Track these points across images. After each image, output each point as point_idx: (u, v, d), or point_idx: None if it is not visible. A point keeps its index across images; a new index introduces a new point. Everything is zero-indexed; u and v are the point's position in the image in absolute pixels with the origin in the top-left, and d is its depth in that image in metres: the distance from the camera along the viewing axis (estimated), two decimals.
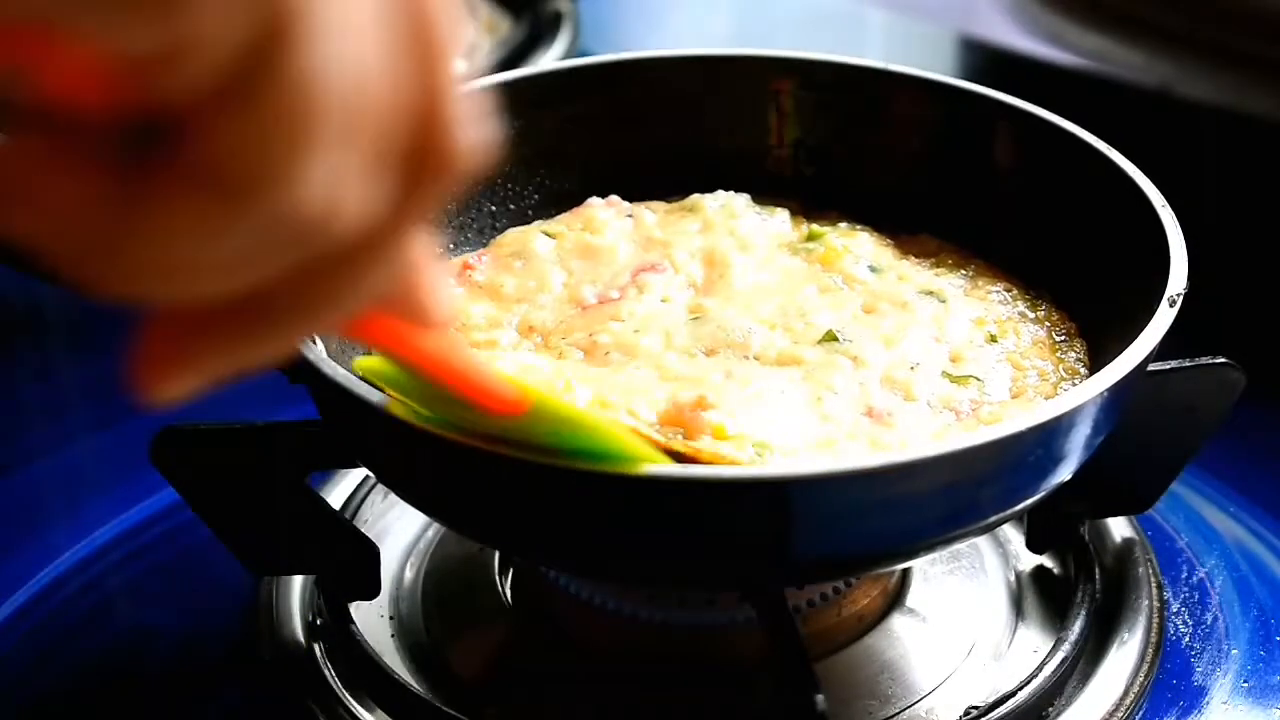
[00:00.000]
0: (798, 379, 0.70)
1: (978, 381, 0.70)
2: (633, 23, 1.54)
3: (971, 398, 0.70)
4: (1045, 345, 0.74)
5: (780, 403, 0.68)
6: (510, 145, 0.84)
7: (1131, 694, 0.72)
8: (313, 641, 0.74)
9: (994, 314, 0.76)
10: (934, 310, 0.75)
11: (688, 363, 0.72)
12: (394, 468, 0.66)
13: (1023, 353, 0.73)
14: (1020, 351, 0.73)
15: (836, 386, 0.70)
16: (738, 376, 0.70)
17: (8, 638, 0.79)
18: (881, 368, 0.71)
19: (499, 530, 0.65)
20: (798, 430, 0.67)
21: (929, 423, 0.68)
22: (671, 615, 0.71)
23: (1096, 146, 0.76)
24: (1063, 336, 0.75)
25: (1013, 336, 0.74)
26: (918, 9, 1.40)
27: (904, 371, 0.71)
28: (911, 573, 0.77)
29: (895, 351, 0.72)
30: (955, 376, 0.71)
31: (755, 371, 0.71)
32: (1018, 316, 0.76)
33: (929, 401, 0.69)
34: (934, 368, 0.71)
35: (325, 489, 0.83)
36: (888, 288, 0.77)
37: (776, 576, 0.64)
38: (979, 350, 0.73)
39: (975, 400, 0.69)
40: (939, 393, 0.70)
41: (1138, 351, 0.62)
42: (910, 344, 0.72)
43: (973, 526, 0.63)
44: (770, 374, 0.71)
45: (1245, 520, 0.84)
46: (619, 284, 0.77)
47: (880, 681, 0.71)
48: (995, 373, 0.71)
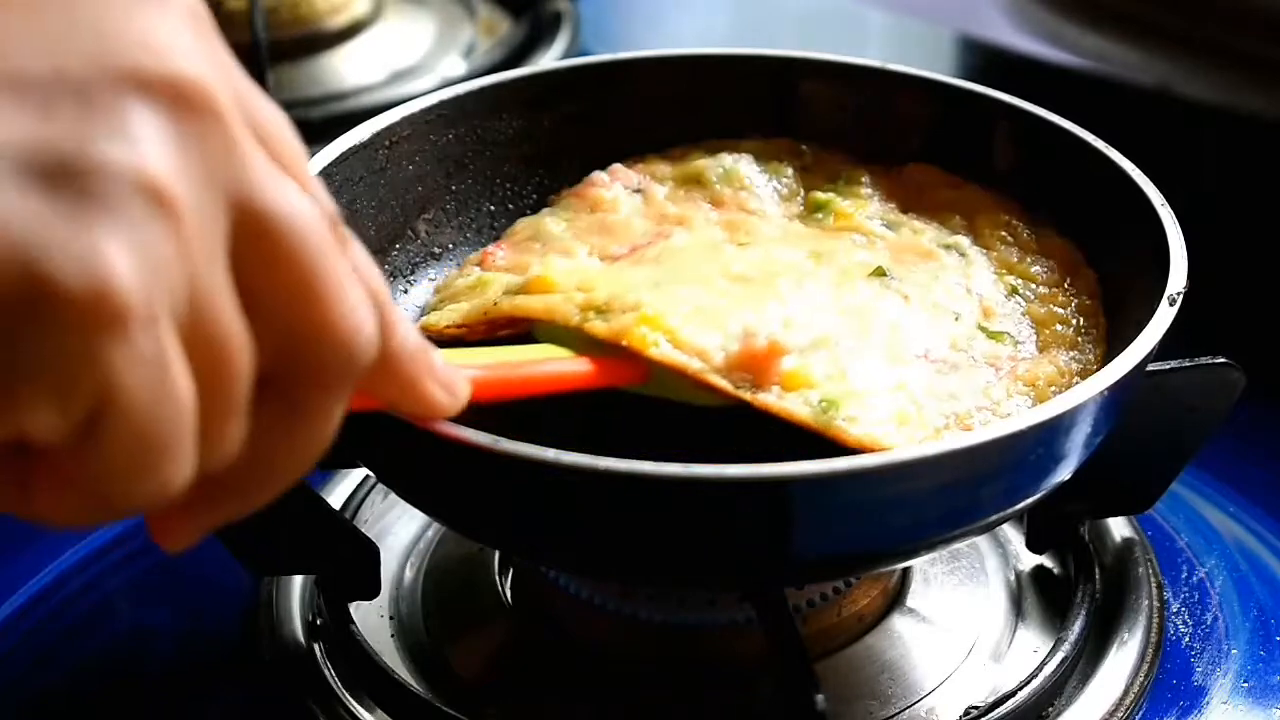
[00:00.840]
0: (853, 309, 0.70)
1: (1010, 338, 0.72)
2: (633, 23, 1.54)
3: (1008, 354, 0.70)
4: (1057, 288, 0.75)
5: (844, 335, 0.68)
6: (510, 145, 0.84)
7: (1131, 694, 0.72)
8: (313, 641, 0.74)
9: (1007, 262, 0.76)
10: (957, 262, 0.76)
11: (743, 287, 0.71)
12: (394, 467, 0.66)
13: (1040, 299, 0.74)
14: (1038, 298, 0.74)
15: (894, 322, 0.70)
16: (793, 303, 0.70)
17: (8, 638, 0.79)
18: (928, 311, 0.71)
19: (499, 530, 0.65)
20: (865, 373, 0.66)
21: (974, 376, 0.69)
22: (671, 615, 0.71)
23: (1096, 146, 0.76)
24: (1068, 275, 0.76)
25: (1029, 287, 0.75)
26: (918, 9, 1.40)
27: (949, 321, 0.71)
28: (911, 573, 0.77)
29: (937, 293, 0.73)
30: (991, 332, 0.72)
31: (813, 299, 0.70)
32: (1028, 261, 0.77)
33: (972, 355, 0.70)
34: (971, 319, 0.72)
35: (325, 489, 0.83)
36: (907, 240, 0.77)
37: (776, 576, 0.64)
38: (1005, 305, 0.74)
39: (1012, 356, 0.70)
40: (980, 347, 0.70)
41: (1138, 351, 0.62)
42: (946, 292, 0.73)
43: (973, 526, 0.63)
44: (826, 302, 0.71)
45: (1245, 520, 0.84)
46: (646, 240, 0.77)
47: (880, 681, 0.71)
48: (1022, 327, 0.73)
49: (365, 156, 0.78)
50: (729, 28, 1.51)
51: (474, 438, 0.56)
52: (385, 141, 0.79)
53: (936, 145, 0.83)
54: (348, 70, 1.29)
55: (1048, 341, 0.72)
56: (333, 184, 0.76)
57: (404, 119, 0.80)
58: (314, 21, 1.31)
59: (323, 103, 1.24)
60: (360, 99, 1.24)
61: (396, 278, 0.80)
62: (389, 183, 0.79)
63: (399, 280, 0.80)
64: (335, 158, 0.76)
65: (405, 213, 0.81)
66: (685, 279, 0.71)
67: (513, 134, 0.84)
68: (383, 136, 0.79)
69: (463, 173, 0.83)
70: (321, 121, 1.18)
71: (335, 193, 0.76)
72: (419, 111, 0.81)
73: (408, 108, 0.80)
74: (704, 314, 0.68)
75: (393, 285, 0.80)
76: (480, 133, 0.83)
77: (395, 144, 0.79)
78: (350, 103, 1.23)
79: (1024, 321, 0.73)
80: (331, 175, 0.75)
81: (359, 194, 0.78)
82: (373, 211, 0.79)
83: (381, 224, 0.79)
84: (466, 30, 1.39)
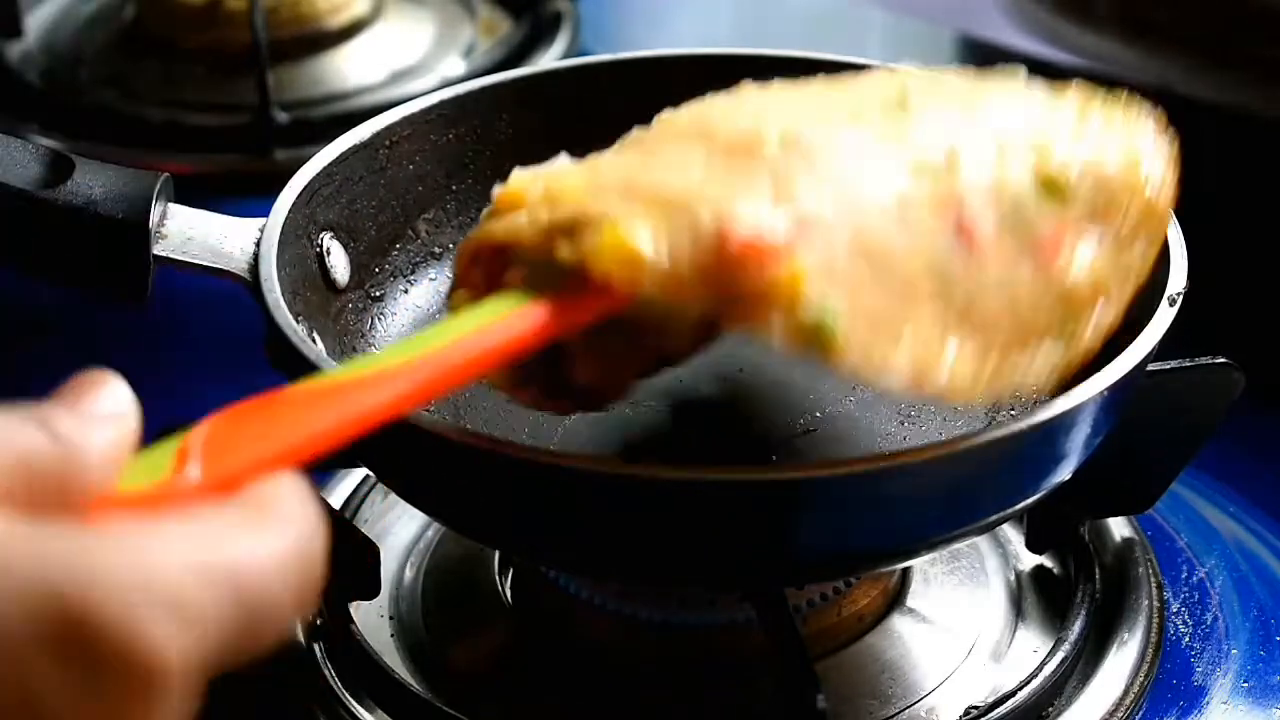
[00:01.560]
0: (871, 142, 0.55)
1: (1071, 198, 0.57)
2: (633, 23, 1.54)
3: (1055, 226, 0.57)
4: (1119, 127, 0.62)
5: (845, 166, 0.53)
6: (511, 145, 0.84)
7: (1131, 694, 0.72)
8: (313, 641, 0.74)
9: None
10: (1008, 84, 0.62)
11: (732, 160, 0.54)
12: (393, 466, 0.66)
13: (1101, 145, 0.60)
14: (1099, 142, 0.60)
15: (917, 160, 0.55)
16: (793, 169, 0.53)
17: None
18: (967, 146, 0.55)
19: (498, 531, 0.65)
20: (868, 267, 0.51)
21: (1007, 267, 0.55)
22: (671, 615, 0.71)
23: None
24: None
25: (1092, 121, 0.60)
26: (918, 9, 1.40)
27: (991, 153, 0.55)
28: (911, 573, 0.77)
29: (977, 119, 0.57)
30: (1049, 179, 0.57)
31: (818, 157, 0.54)
32: None
33: (1012, 224, 0.55)
34: (1023, 158, 0.57)
35: (325, 489, 0.83)
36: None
37: (776, 575, 0.64)
38: (1069, 142, 0.59)
39: (1057, 232, 0.57)
40: (1023, 210, 0.56)
41: (1138, 351, 0.62)
42: (994, 112, 0.58)
43: (973, 526, 0.63)
44: (833, 157, 0.54)
45: (1245, 520, 0.84)
46: None
47: (880, 681, 0.71)
48: (1084, 182, 0.58)
49: (365, 156, 0.78)
50: (729, 28, 1.51)
51: (473, 439, 0.56)
52: (385, 141, 0.79)
53: None
54: (348, 70, 1.29)
55: (1107, 204, 0.57)
56: (333, 183, 0.76)
57: (404, 119, 0.80)
58: (314, 21, 1.30)
59: (323, 103, 1.24)
60: (360, 99, 1.24)
61: (396, 277, 0.80)
62: (389, 182, 0.79)
63: (399, 280, 0.80)
64: (335, 157, 0.76)
65: (406, 212, 0.81)
66: (665, 164, 0.56)
67: (514, 134, 0.84)
68: (383, 136, 0.79)
69: (463, 173, 0.83)
70: (321, 121, 1.18)
71: (335, 192, 0.76)
72: (419, 111, 0.81)
73: (408, 108, 0.80)
74: (671, 210, 0.51)
75: (393, 285, 0.80)
76: (481, 133, 0.83)
77: (396, 144, 0.79)
78: (350, 103, 1.23)
79: (1086, 172, 0.57)
80: (332, 175, 0.75)
81: (359, 194, 0.78)
82: (373, 211, 0.79)
83: (382, 224, 0.79)
84: (466, 30, 1.38)
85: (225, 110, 1.20)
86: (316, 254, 0.74)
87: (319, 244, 0.74)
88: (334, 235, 0.76)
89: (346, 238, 0.77)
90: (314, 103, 1.24)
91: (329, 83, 1.28)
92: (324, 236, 0.75)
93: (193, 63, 1.24)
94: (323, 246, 0.75)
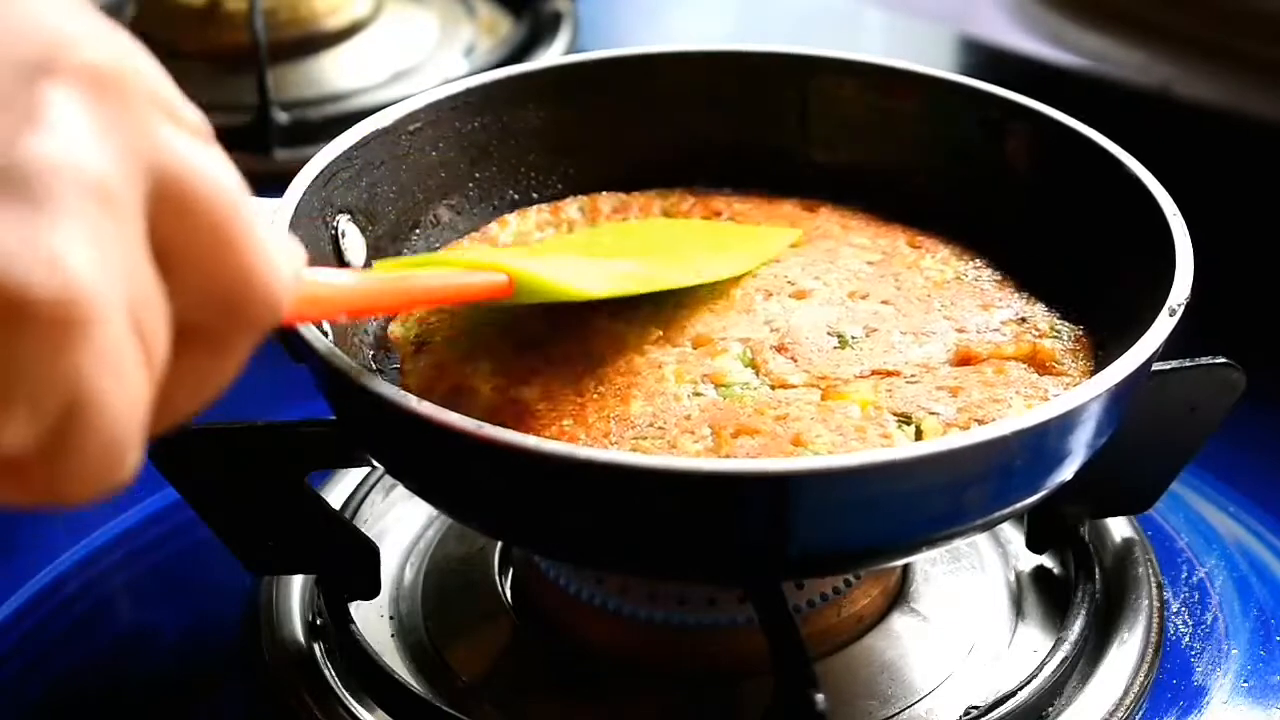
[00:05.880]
0: None
1: None
2: (632, 22, 1.54)
3: None
4: None
5: None
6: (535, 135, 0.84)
7: (1131, 694, 0.71)
8: (313, 641, 0.74)
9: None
10: None
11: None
12: (398, 455, 0.66)
13: None
14: None
15: None
16: None
17: (8, 638, 0.79)
18: None
19: (500, 519, 0.64)
20: None
21: None
22: (671, 615, 0.71)
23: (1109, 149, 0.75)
24: None
25: None
26: (918, 9, 1.40)
27: None
28: (912, 572, 0.77)
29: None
30: None
31: None
32: None
33: None
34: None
35: (325, 489, 0.83)
36: None
37: (776, 571, 0.64)
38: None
39: None
40: None
41: (1138, 355, 0.61)
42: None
43: (974, 524, 0.63)
44: None
45: (1245, 520, 0.84)
46: None
47: (880, 681, 0.71)
48: None
49: (387, 141, 0.78)
50: (729, 28, 1.51)
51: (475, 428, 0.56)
52: (408, 127, 0.79)
53: (940, 144, 0.83)
54: (347, 70, 1.29)
55: None
56: (353, 167, 0.76)
57: (428, 105, 0.80)
58: (314, 21, 1.31)
59: (323, 103, 1.24)
60: (360, 99, 1.24)
61: None
62: (410, 168, 0.80)
63: None
64: (356, 141, 0.76)
65: (427, 198, 0.81)
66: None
67: (538, 124, 0.84)
68: (405, 122, 0.79)
69: (486, 161, 0.83)
70: (321, 121, 1.18)
71: (355, 176, 0.76)
72: (444, 99, 0.81)
73: (432, 94, 0.81)
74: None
75: None
76: (505, 122, 0.84)
77: (418, 130, 0.80)
78: (350, 103, 1.23)
79: None
80: (352, 158, 0.76)
81: (379, 178, 0.78)
82: (393, 196, 0.79)
83: (402, 209, 0.80)
84: (466, 30, 1.39)
85: (225, 110, 1.20)
86: (331, 236, 0.74)
87: (334, 226, 0.74)
88: (351, 218, 0.76)
89: (364, 221, 0.77)
90: (314, 103, 1.24)
91: (329, 83, 1.28)
92: (340, 219, 0.75)
93: (193, 63, 1.24)
94: (338, 229, 0.75)
